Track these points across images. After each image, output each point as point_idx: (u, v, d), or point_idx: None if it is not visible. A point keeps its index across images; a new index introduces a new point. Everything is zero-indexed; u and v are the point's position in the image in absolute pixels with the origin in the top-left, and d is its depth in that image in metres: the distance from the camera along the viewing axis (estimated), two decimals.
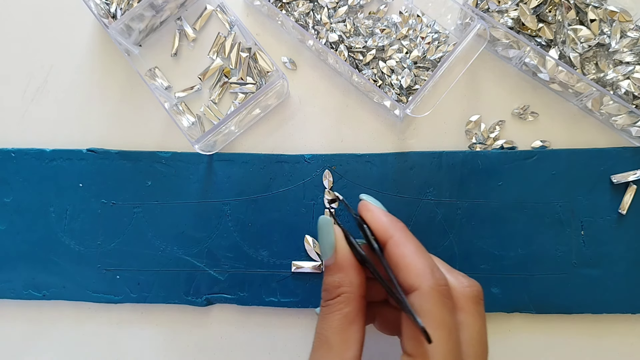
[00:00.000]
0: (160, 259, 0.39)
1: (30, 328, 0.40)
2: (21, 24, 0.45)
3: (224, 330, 0.39)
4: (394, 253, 0.28)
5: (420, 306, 0.26)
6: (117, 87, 0.43)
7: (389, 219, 0.29)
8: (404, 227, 0.29)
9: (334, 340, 0.27)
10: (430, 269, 0.27)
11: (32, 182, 0.40)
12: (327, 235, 0.30)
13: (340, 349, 0.27)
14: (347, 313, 0.28)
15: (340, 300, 0.28)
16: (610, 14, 0.37)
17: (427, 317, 0.25)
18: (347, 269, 0.29)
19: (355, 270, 0.29)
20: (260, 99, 0.38)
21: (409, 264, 0.27)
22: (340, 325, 0.27)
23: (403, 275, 0.27)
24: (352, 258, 0.29)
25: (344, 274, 0.29)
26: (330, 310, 0.28)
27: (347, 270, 0.29)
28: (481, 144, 0.39)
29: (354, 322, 0.28)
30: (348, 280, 0.28)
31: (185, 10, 0.44)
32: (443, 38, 0.41)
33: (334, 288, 0.29)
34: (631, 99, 0.37)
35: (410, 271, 0.27)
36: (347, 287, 0.28)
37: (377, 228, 0.29)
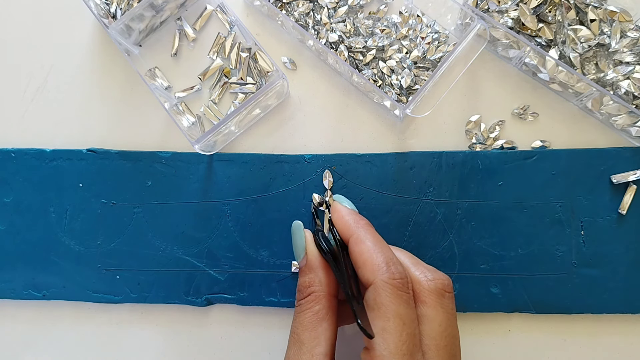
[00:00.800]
0: (160, 259, 0.39)
1: (30, 328, 0.40)
2: (21, 24, 0.45)
3: (224, 330, 0.39)
4: (354, 251, 0.29)
5: (374, 299, 0.27)
6: (117, 87, 0.43)
7: (351, 217, 0.31)
8: (366, 224, 0.31)
9: (305, 337, 0.28)
10: (386, 263, 0.28)
11: (32, 182, 0.40)
12: (299, 239, 0.32)
13: (310, 345, 0.28)
14: (317, 311, 0.29)
15: (311, 299, 0.29)
16: (610, 14, 0.37)
17: (380, 310, 0.26)
18: (316, 269, 0.30)
19: (324, 270, 0.30)
20: (260, 99, 0.38)
21: (366, 259, 0.28)
22: (310, 323, 0.29)
23: (361, 272, 0.28)
24: (321, 259, 0.31)
25: (314, 274, 0.30)
26: (301, 309, 0.29)
27: (316, 270, 0.30)
28: (481, 144, 0.39)
29: (324, 320, 0.29)
30: (317, 279, 0.30)
31: (185, 10, 0.44)
32: (443, 38, 0.41)
33: (305, 288, 0.30)
34: (631, 99, 0.37)
35: (366, 267, 0.28)
36: (317, 286, 0.30)
37: (340, 228, 0.31)
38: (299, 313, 0.30)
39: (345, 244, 0.31)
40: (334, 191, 0.39)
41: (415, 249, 0.37)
